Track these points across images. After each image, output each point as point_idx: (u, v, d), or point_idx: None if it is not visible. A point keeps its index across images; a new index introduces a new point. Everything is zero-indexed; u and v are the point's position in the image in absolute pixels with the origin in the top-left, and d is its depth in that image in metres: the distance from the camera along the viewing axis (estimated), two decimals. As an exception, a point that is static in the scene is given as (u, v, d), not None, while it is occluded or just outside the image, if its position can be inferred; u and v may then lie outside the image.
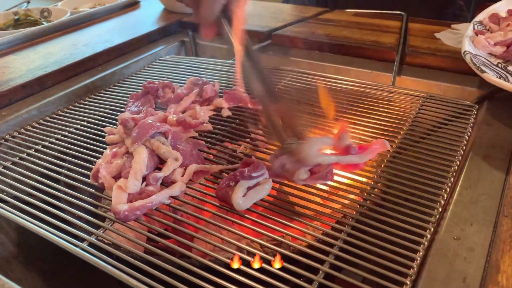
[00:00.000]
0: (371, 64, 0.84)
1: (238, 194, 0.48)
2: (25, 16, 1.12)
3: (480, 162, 0.55)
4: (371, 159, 0.53)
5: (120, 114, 0.63)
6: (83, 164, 0.58)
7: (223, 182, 0.50)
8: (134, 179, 0.50)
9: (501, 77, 0.63)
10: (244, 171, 0.50)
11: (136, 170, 0.51)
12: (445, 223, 0.46)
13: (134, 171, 0.50)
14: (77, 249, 0.45)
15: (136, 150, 0.53)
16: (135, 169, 0.51)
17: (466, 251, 0.42)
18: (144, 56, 0.93)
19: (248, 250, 0.44)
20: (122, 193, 0.49)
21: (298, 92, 0.73)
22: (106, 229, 0.48)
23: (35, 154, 0.61)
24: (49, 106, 0.75)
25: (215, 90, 0.70)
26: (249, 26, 1.00)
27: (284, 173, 0.51)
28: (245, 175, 0.50)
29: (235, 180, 0.49)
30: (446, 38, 0.85)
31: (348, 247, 0.43)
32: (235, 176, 0.50)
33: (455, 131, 0.59)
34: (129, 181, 0.50)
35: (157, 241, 0.46)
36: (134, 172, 0.50)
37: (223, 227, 0.46)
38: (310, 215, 0.48)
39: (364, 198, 0.49)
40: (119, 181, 0.50)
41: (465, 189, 0.50)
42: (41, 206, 0.51)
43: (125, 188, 0.49)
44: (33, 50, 0.91)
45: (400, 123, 0.62)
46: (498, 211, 0.46)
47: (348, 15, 1.05)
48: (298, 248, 0.44)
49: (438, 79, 0.77)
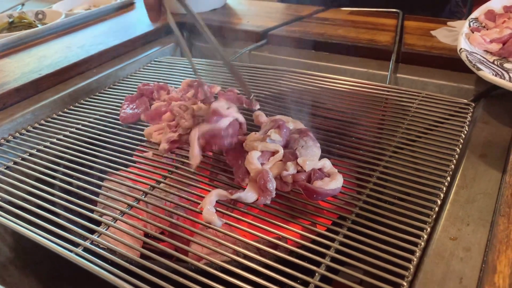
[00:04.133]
0: (366, 63, 0.84)
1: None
2: (19, 19, 1.11)
3: (476, 160, 0.55)
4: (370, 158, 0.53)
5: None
6: (78, 168, 0.58)
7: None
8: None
9: (497, 74, 0.63)
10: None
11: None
12: (441, 223, 0.46)
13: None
14: (72, 254, 0.45)
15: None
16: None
17: (463, 251, 0.42)
18: (139, 58, 0.92)
19: (245, 254, 0.44)
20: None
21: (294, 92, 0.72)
22: (101, 234, 0.48)
23: (30, 158, 0.61)
24: (43, 109, 0.75)
25: (210, 91, 0.70)
26: (244, 26, 1.00)
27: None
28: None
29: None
30: (442, 35, 0.85)
31: (344, 249, 0.43)
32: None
33: (452, 129, 0.59)
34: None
35: (153, 245, 0.45)
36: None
37: (219, 230, 0.46)
38: (306, 217, 0.48)
39: (360, 199, 0.49)
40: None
41: (461, 188, 0.50)
42: (36, 211, 0.51)
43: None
44: (27, 53, 0.91)
45: (397, 121, 0.62)
46: (494, 211, 0.46)
47: (344, 14, 1.05)
48: (294, 251, 0.44)
49: (434, 77, 0.77)
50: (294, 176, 0.49)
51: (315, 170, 0.49)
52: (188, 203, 0.51)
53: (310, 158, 0.50)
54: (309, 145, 0.52)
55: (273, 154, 0.51)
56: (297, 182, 0.49)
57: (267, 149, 0.51)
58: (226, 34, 0.99)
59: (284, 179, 0.50)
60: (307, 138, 0.52)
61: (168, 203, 0.52)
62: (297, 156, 0.50)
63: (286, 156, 0.51)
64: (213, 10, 1.13)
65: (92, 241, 0.47)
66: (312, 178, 0.49)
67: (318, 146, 0.53)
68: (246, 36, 0.97)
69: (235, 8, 1.15)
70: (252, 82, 0.77)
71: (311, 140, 0.52)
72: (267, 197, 0.47)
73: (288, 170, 0.49)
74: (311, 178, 0.49)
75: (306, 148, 0.51)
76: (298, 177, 0.49)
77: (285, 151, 0.51)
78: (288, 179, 0.49)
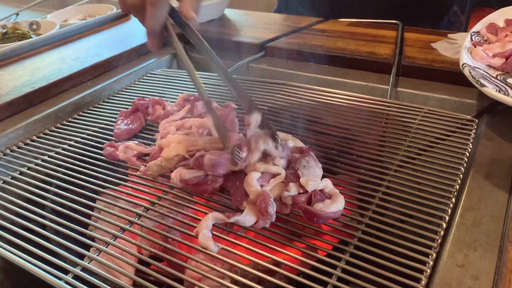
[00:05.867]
0: (366, 76, 0.82)
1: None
2: (13, 29, 1.09)
3: (481, 180, 0.53)
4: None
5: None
6: (70, 188, 0.56)
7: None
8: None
9: (501, 90, 0.61)
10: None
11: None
12: (447, 248, 0.44)
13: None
14: (61, 282, 0.43)
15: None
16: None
17: (471, 279, 0.40)
18: (134, 70, 0.90)
19: (242, 282, 0.42)
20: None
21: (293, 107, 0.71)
22: (92, 260, 0.45)
23: (20, 177, 0.59)
24: (36, 124, 0.73)
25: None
26: (242, 38, 0.98)
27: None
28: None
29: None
30: (443, 48, 0.84)
31: (346, 277, 0.41)
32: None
33: (455, 147, 0.57)
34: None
35: (146, 272, 0.43)
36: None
37: (216, 256, 0.44)
38: (306, 241, 0.46)
39: (363, 222, 0.47)
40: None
41: (467, 210, 0.48)
42: (24, 235, 0.49)
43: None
44: (20, 65, 0.89)
45: (399, 138, 0.60)
46: (502, 235, 0.44)
47: (343, 25, 1.04)
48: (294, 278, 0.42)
49: (436, 91, 0.75)
50: (294, 198, 0.47)
51: (316, 191, 0.47)
52: (183, 225, 0.49)
53: (313, 178, 0.48)
54: (311, 165, 0.50)
55: (273, 176, 0.49)
56: (297, 204, 0.47)
57: (269, 171, 0.49)
58: (223, 46, 0.97)
59: (283, 200, 0.48)
60: (309, 158, 0.50)
61: (163, 225, 0.50)
62: (299, 176, 0.48)
63: (288, 177, 0.49)
64: (210, 21, 1.11)
65: (83, 267, 0.45)
66: (312, 200, 0.47)
67: (320, 166, 0.51)
68: (243, 48, 0.95)
69: (232, 19, 1.14)
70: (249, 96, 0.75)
71: (312, 160, 0.51)
72: (266, 221, 0.45)
73: (289, 191, 0.47)
74: (311, 200, 0.47)
75: (308, 168, 0.49)
76: (298, 199, 0.47)
77: (287, 172, 0.50)
78: (288, 201, 0.48)
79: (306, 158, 0.50)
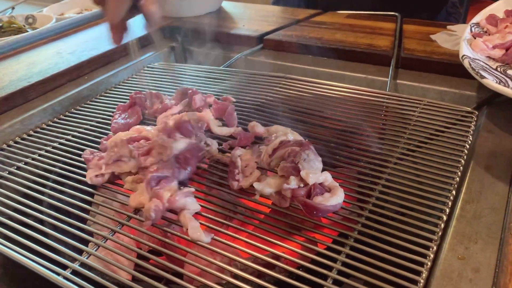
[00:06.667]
0: (365, 68, 0.82)
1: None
2: (8, 23, 1.08)
3: (482, 172, 0.53)
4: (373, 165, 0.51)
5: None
6: (68, 183, 0.55)
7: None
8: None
9: (501, 82, 0.61)
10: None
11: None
12: (448, 241, 0.44)
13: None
14: (59, 277, 0.42)
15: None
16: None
17: (472, 272, 0.40)
18: (131, 64, 0.90)
19: (242, 276, 0.41)
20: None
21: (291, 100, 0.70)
22: (91, 255, 0.45)
23: (17, 172, 0.59)
24: (33, 119, 0.72)
25: (204, 100, 0.68)
26: (240, 30, 0.97)
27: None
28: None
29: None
30: (442, 40, 0.83)
31: (346, 270, 0.41)
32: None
33: (455, 139, 0.57)
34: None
35: (145, 266, 0.43)
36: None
37: (216, 250, 0.44)
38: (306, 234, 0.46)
39: (363, 215, 0.47)
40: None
41: (467, 203, 0.48)
42: (22, 230, 0.48)
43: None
44: (16, 59, 0.88)
45: (399, 131, 0.60)
46: (503, 227, 0.44)
47: (341, 17, 1.03)
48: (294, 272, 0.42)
49: (435, 83, 0.75)
50: (294, 191, 0.47)
51: (315, 185, 0.47)
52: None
53: (313, 171, 0.48)
54: (311, 159, 0.49)
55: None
56: (296, 198, 0.47)
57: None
58: (220, 39, 0.97)
59: (283, 193, 0.48)
60: (308, 151, 0.50)
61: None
62: (299, 170, 0.48)
63: (288, 171, 0.49)
64: (207, 13, 1.11)
65: (81, 262, 0.44)
66: (312, 193, 0.47)
67: (319, 160, 0.51)
68: (241, 40, 0.95)
69: (230, 11, 1.13)
70: (247, 89, 0.75)
71: (312, 153, 0.50)
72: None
73: (289, 184, 0.47)
74: (310, 193, 0.47)
75: (308, 162, 0.49)
76: (297, 192, 0.47)
77: (287, 165, 0.49)
78: (287, 194, 0.47)
79: (306, 151, 0.50)
